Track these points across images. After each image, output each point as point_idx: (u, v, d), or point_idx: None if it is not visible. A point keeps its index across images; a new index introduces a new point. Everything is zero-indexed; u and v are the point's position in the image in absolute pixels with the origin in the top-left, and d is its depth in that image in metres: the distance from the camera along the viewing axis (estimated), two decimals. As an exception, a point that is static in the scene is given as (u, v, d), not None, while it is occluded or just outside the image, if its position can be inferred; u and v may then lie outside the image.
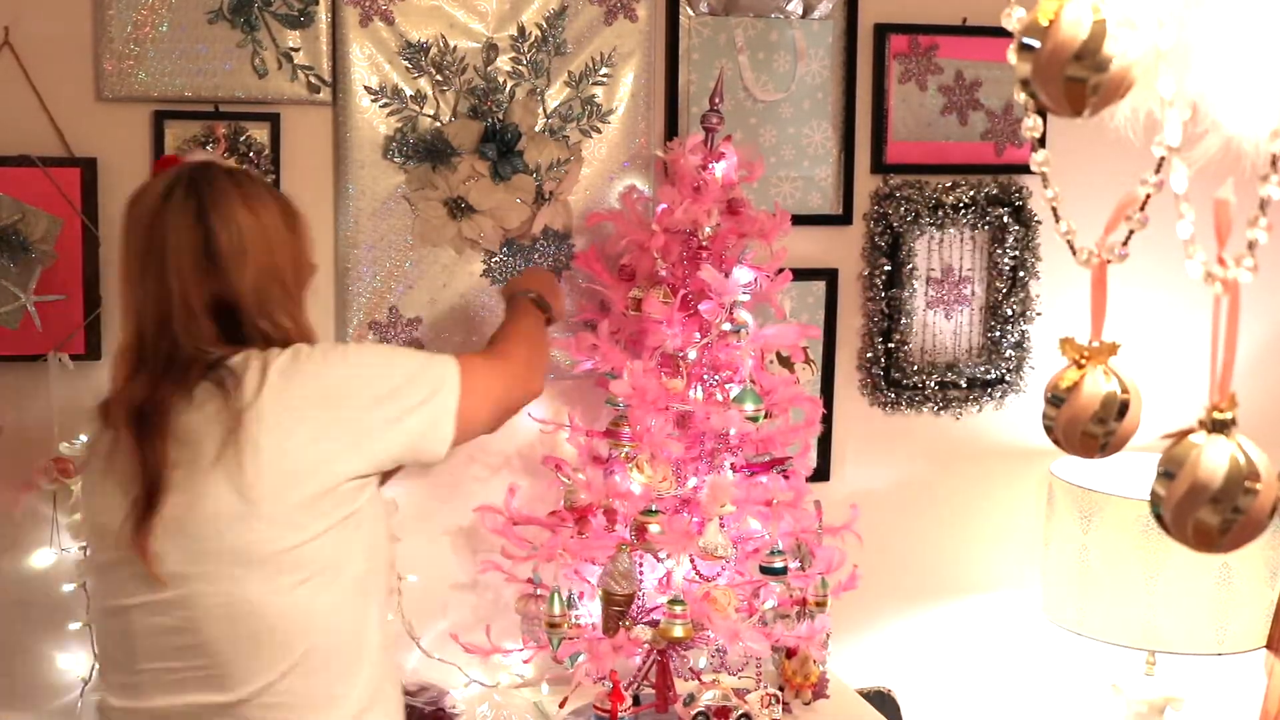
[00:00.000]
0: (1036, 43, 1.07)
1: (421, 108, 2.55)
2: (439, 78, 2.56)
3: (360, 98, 2.52)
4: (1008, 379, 2.93)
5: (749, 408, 2.37)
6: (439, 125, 2.56)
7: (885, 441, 2.91)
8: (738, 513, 2.38)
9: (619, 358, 2.45)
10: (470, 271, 2.62)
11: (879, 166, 2.82)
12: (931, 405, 2.90)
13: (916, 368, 2.87)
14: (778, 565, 2.41)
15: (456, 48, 2.56)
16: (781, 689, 2.55)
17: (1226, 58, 1.05)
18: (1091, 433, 1.21)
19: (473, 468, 2.65)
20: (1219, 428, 1.03)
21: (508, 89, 2.59)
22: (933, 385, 2.88)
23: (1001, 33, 1.15)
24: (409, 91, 2.54)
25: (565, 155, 2.60)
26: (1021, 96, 1.11)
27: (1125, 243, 1.19)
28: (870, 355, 2.86)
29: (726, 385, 2.47)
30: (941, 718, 3.02)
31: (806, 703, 2.60)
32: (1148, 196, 1.16)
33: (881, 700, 2.85)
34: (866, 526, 2.59)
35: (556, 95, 2.62)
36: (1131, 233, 1.18)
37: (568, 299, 2.66)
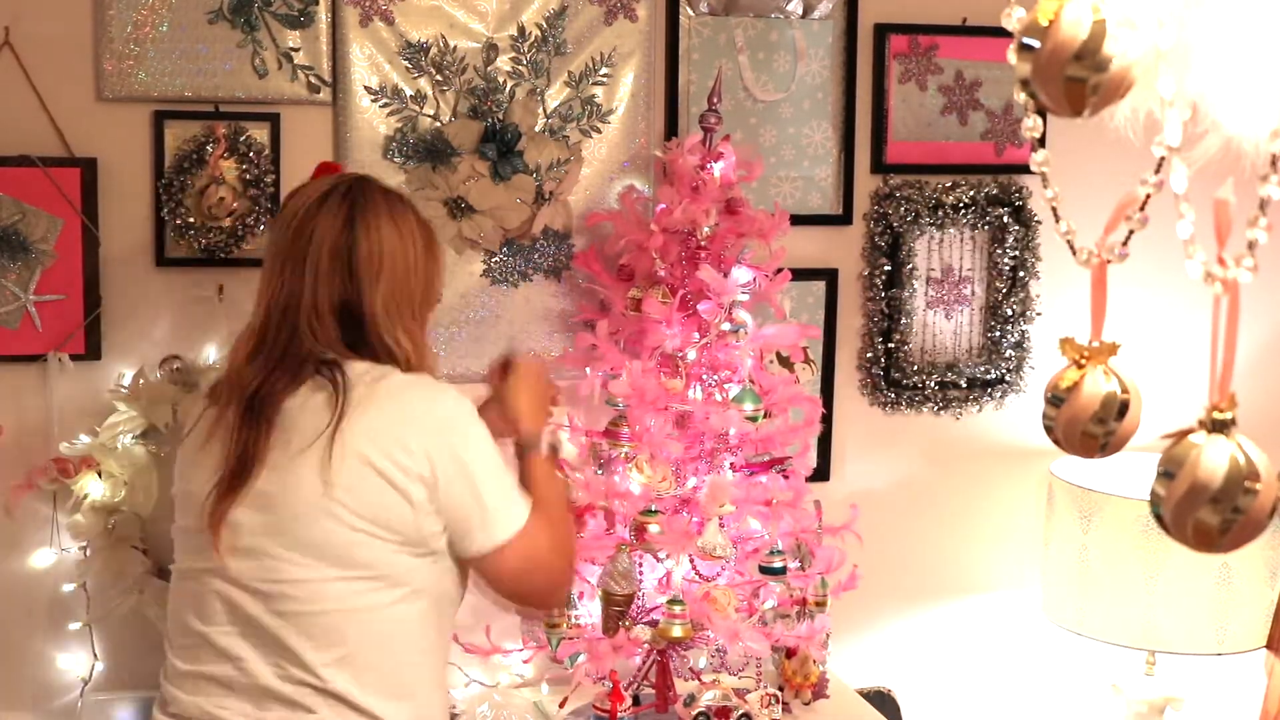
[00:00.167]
0: (1036, 43, 1.07)
1: (421, 108, 2.55)
2: (439, 78, 2.56)
3: (360, 98, 2.52)
4: (1008, 379, 2.93)
5: (748, 408, 2.37)
6: (439, 125, 2.56)
7: (885, 441, 2.91)
8: (737, 513, 2.38)
9: (618, 358, 2.45)
10: (470, 271, 2.62)
11: (879, 166, 2.82)
12: (931, 405, 2.90)
13: (916, 368, 2.87)
14: (777, 565, 2.41)
15: (456, 48, 2.56)
16: (781, 689, 2.55)
17: (1226, 58, 1.05)
18: (1091, 433, 1.21)
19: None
20: (1219, 428, 1.03)
21: (508, 89, 2.59)
22: (933, 385, 2.88)
23: (1001, 33, 1.15)
24: (409, 91, 2.54)
25: (565, 155, 2.60)
26: (1021, 96, 1.11)
27: (1125, 243, 1.19)
28: (870, 355, 2.86)
29: (726, 385, 2.47)
30: (941, 718, 3.02)
31: (806, 703, 2.60)
32: (1148, 196, 1.16)
33: (881, 700, 2.85)
34: (866, 526, 2.58)
35: (556, 95, 2.62)
36: (1131, 233, 1.18)
37: (568, 299, 2.66)
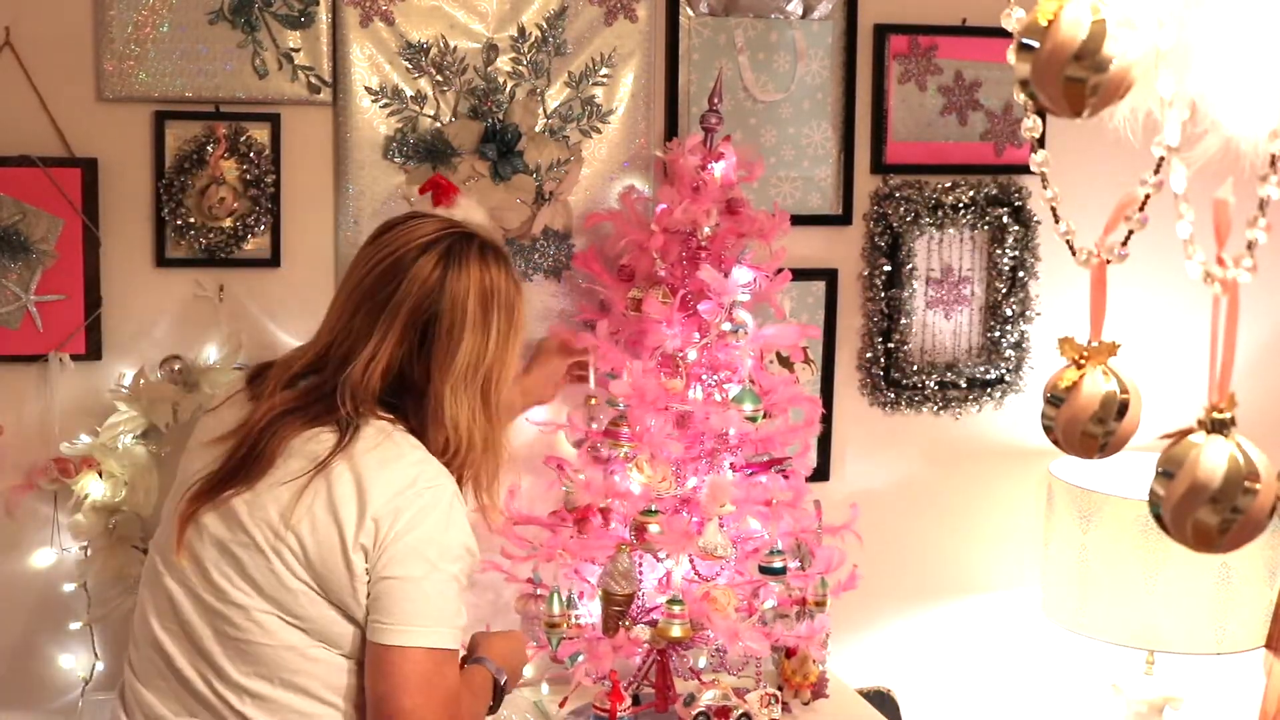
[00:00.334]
0: (1036, 43, 1.07)
1: (422, 108, 2.55)
2: (439, 78, 2.56)
3: (360, 98, 2.53)
4: (1007, 379, 2.93)
5: (748, 408, 2.38)
6: (439, 125, 2.56)
7: (885, 441, 2.91)
8: (737, 513, 2.38)
9: (619, 358, 2.45)
10: (470, 271, 2.62)
11: (879, 167, 2.82)
12: (931, 405, 2.90)
13: (916, 368, 2.87)
14: (777, 565, 2.41)
15: (457, 48, 2.56)
16: (781, 689, 2.54)
17: (1226, 58, 1.05)
18: (1091, 433, 1.21)
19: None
20: (1218, 428, 1.03)
21: (508, 89, 2.59)
22: (932, 385, 2.88)
23: (1001, 33, 1.15)
24: (409, 92, 2.55)
25: (565, 155, 2.60)
26: (1021, 97, 1.12)
27: (1125, 243, 1.20)
28: (870, 355, 2.86)
29: (726, 385, 2.47)
30: (941, 718, 3.02)
31: (806, 702, 2.60)
32: (1147, 196, 1.16)
33: (881, 700, 2.85)
34: (866, 526, 2.58)
35: (556, 95, 2.62)
36: (1131, 233, 1.19)
37: (569, 299, 2.66)
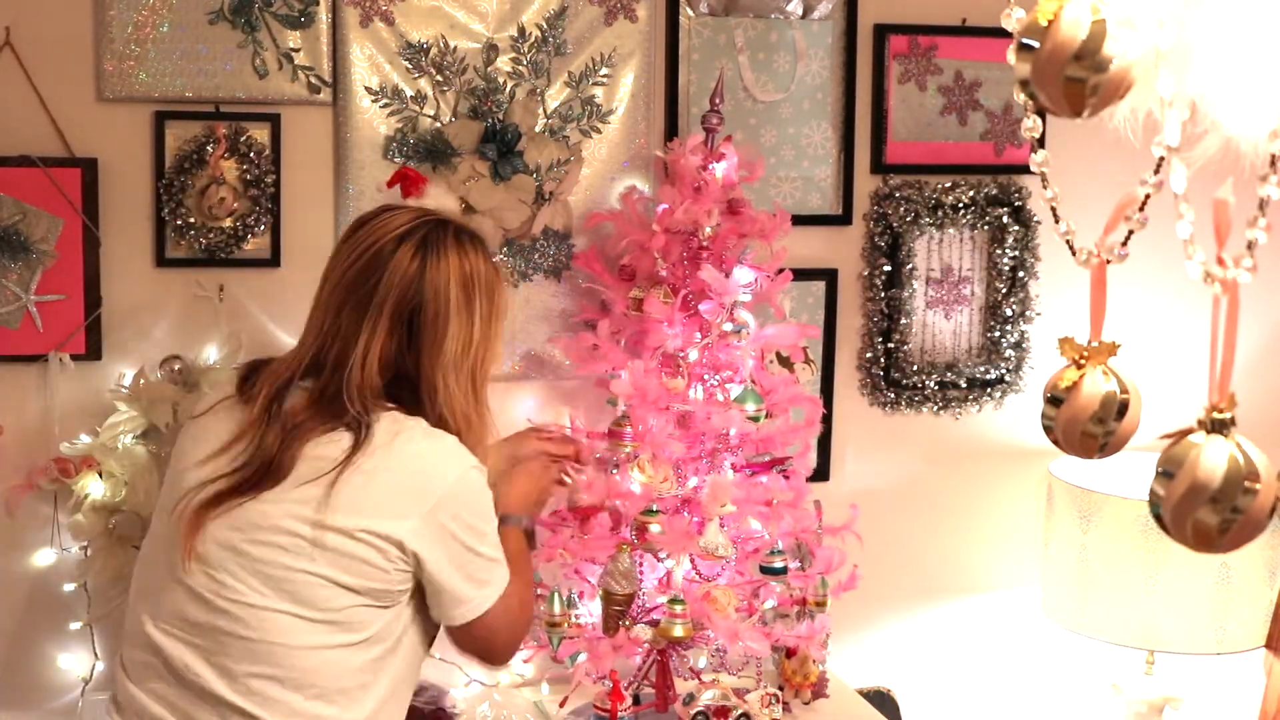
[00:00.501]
0: (1036, 43, 1.07)
1: (422, 108, 2.55)
2: (439, 78, 2.56)
3: (360, 98, 2.53)
4: (1007, 379, 2.93)
5: (750, 408, 2.38)
6: (439, 125, 2.56)
7: (885, 441, 2.91)
8: (738, 513, 2.38)
9: (620, 358, 2.45)
10: (470, 272, 2.62)
11: (879, 167, 2.82)
12: (931, 405, 2.90)
13: (916, 368, 2.87)
14: (778, 565, 2.41)
15: (457, 48, 2.56)
16: (781, 689, 2.55)
17: (1226, 58, 1.05)
18: (1091, 433, 1.21)
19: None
20: (1218, 428, 1.03)
21: (508, 89, 2.59)
22: (932, 385, 2.88)
23: (1001, 33, 1.15)
24: (409, 92, 2.55)
25: (565, 155, 2.60)
26: (1021, 97, 1.12)
27: (1125, 243, 1.20)
28: (870, 355, 2.86)
29: (727, 385, 2.47)
30: (941, 718, 3.02)
31: (806, 702, 2.60)
32: (1147, 196, 1.17)
33: (881, 700, 2.85)
34: (866, 526, 2.58)
35: (556, 95, 2.62)
36: (1131, 233, 1.19)
37: (569, 299, 2.66)
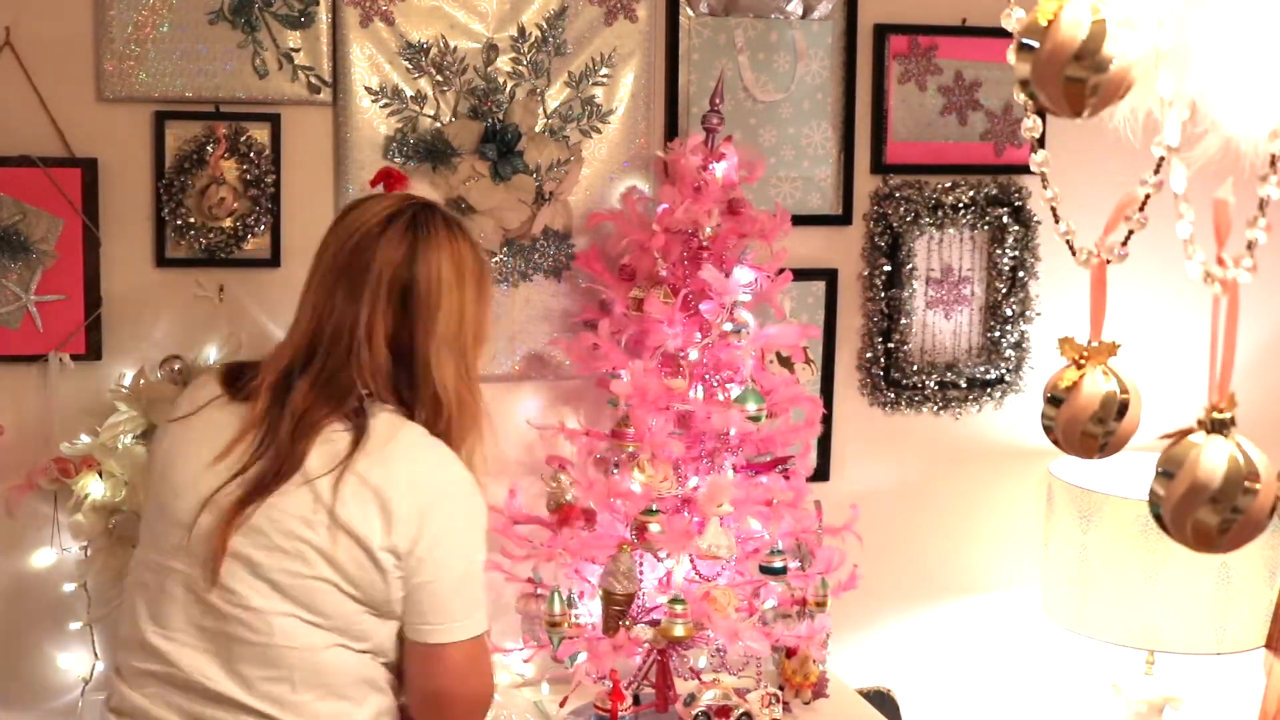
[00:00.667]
0: (1036, 43, 1.07)
1: (422, 108, 2.55)
2: (439, 78, 2.56)
3: (360, 98, 2.53)
4: (1007, 379, 2.93)
5: (751, 408, 2.38)
6: (439, 126, 2.56)
7: (885, 441, 2.91)
8: (738, 512, 2.38)
9: (620, 357, 2.45)
10: (470, 272, 2.62)
11: (879, 167, 2.82)
12: (931, 405, 2.90)
13: (916, 368, 2.87)
14: (778, 565, 2.41)
15: (457, 48, 2.56)
16: (781, 688, 2.55)
17: (1226, 58, 1.05)
18: (1091, 433, 1.21)
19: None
20: (1218, 428, 1.03)
21: (508, 89, 2.59)
22: (932, 385, 2.88)
23: (1001, 33, 1.15)
24: (409, 92, 2.55)
25: (565, 155, 2.60)
26: (1021, 97, 1.12)
27: (1125, 243, 1.20)
28: (870, 355, 2.86)
29: (727, 385, 2.47)
30: (941, 718, 3.02)
31: (806, 702, 2.60)
32: (1147, 196, 1.16)
33: (881, 700, 2.85)
34: (866, 526, 2.58)
35: (556, 95, 2.62)
36: (1131, 233, 1.19)
37: (569, 299, 2.66)
